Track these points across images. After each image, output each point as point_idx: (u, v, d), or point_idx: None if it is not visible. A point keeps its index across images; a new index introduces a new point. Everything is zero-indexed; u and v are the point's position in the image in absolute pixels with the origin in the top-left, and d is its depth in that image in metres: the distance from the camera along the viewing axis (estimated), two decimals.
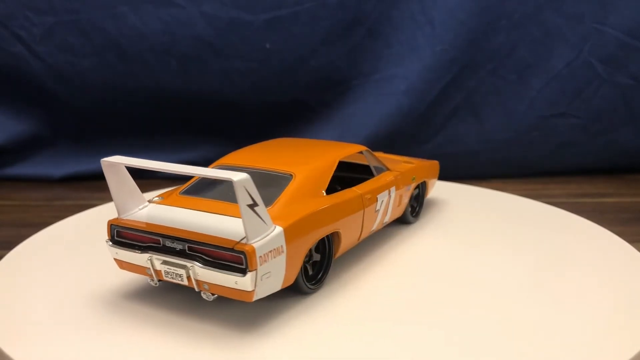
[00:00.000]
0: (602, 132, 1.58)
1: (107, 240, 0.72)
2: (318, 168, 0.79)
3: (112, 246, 0.72)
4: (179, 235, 0.67)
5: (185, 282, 0.66)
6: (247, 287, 0.63)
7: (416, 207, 1.06)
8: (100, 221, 0.78)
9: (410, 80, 1.52)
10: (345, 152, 0.88)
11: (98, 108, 1.55)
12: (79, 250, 0.90)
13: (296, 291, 0.74)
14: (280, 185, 0.74)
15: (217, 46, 1.49)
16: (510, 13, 1.48)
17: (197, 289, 0.66)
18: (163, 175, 1.53)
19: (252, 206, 0.61)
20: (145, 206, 0.73)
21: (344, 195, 0.80)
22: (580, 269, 0.85)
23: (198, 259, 0.65)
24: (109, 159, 0.67)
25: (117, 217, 0.72)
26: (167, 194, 0.78)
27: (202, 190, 0.76)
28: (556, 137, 1.58)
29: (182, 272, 0.66)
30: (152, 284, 0.71)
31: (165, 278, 0.68)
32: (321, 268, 0.78)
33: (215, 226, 0.66)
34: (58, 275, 0.82)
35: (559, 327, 0.69)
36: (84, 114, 1.56)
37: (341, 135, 1.51)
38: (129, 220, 0.71)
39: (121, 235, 0.71)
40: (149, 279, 0.70)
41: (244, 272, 0.62)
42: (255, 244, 0.62)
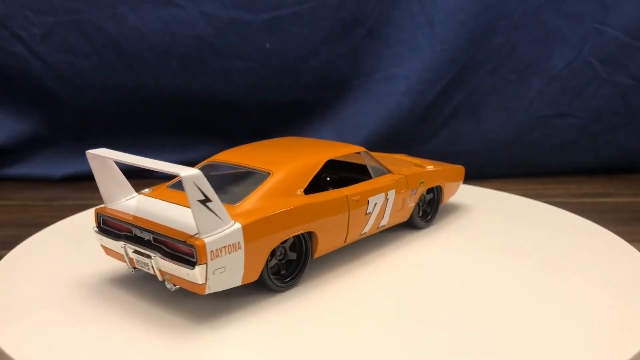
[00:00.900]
0: (602, 132, 1.58)
1: (94, 227, 0.77)
2: (298, 167, 0.79)
3: (97, 233, 0.77)
4: (146, 226, 0.70)
5: (151, 272, 0.70)
6: (197, 279, 0.65)
7: (429, 213, 1.03)
8: None
9: (410, 80, 1.52)
10: (335, 152, 0.88)
11: (98, 108, 1.55)
12: (79, 251, 0.90)
13: (265, 288, 0.75)
14: (255, 183, 0.76)
15: (217, 46, 1.49)
16: (510, 13, 1.48)
17: (161, 279, 0.69)
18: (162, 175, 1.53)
19: (204, 202, 0.63)
20: (132, 197, 0.77)
21: (324, 195, 0.79)
22: (580, 269, 0.85)
23: (160, 250, 0.68)
24: (93, 151, 0.71)
25: (103, 206, 0.76)
26: (157, 187, 0.81)
27: None
28: (556, 137, 1.58)
29: (148, 261, 0.69)
30: (130, 271, 0.74)
31: (137, 266, 0.72)
32: (296, 267, 0.78)
33: (178, 219, 0.68)
34: (58, 275, 0.82)
35: (559, 327, 0.69)
36: (84, 114, 1.56)
37: (341, 135, 1.51)
38: (111, 209, 0.75)
39: (105, 223, 0.76)
40: (126, 266, 0.74)
41: (194, 265, 0.64)
42: (206, 239, 0.64)
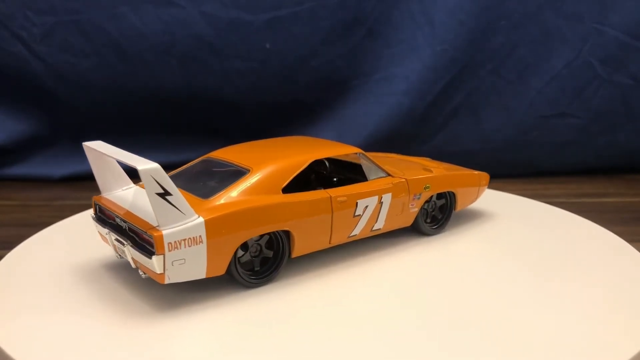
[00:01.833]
0: (602, 132, 1.58)
1: (92, 214, 0.82)
2: (279, 166, 0.79)
3: (94, 220, 0.81)
4: (122, 215, 0.73)
5: (127, 259, 0.73)
6: (155, 269, 0.68)
7: (441, 219, 0.99)
8: None
9: (410, 80, 1.52)
10: (326, 153, 0.87)
11: (98, 108, 1.55)
12: (79, 251, 0.90)
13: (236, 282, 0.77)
14: (233, 179, 0.77)
15: (217, 46, 1.49)
16: (510, 13, 1.48)
17: (134, 266, 0.73)
18: None
19: (163, 195, 0.65)
20: (128, 188, 0.80)
21: (303, 195, 0.79)
22: (580, 269, 0.85)
23: (132, 239, 0.72)
24: (88, 143, 0.76)
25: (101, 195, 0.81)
26: None
27: (180, 179, 0.81)
28: (556, 137, 1.58)
29: (124, 249, 0.72)
30: (117, 257, 0.80)
31: (119, 253, 0.76)
32: (272, 264, 0.79)
33: (150, 211, 0.69)
34: (58, 275, 0.82)
35: (559, 327, 0.69)
36: (84, 114, 1.56)
37: (341, 135, 1.51)
38: (105, 198, 0.80)
39: (100, 211, 0.80)
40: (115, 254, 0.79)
41: (152, 255, 0.67)
42: (165, 231, 0.67)
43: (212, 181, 0.80)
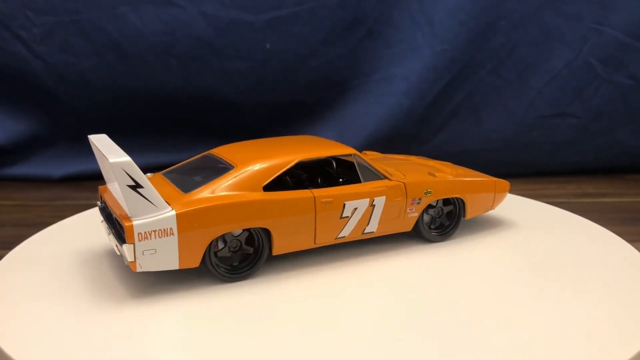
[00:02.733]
0: (602, 132, 1.58)
1: (98, 203, 0.86)
2: (264, 164, 0.80)
3: (98, 208, 0.85)
4: (111, 206, 0.77)
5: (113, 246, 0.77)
6: (126, 257, 0.71)
7: (448, 226, 0.95)
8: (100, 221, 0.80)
9: (410, 80, 1.52)
10: (315, 154, 0.86)
11: (98, 108, 1.55)
12: (79, 250, 0.90)
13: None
14: (217, 175, 0.78)
15: (217, 46, 1.49)
16: (510, 13, 1.48)
17: (118, 253, 0.75)
18: None
19: (134, 187, 0.68)
20: None
21: (283, 194, 0.79)
22: (580, 269, 0.85)
23: (115, 227, 0.76)
24: (94, 136, 0.80)
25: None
26: (156, 173, 0.87)
27: (175, 172, 0.85)
28: (556, 137, 1.58)
29: (112, 237, 0.76)
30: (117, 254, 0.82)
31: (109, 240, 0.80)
32: (251, 261, 0.80)
33: None
34: (58, 275, 0.82)
35: (558, 327, 0.69)
36: (84, 114, 1.56)
37: (341, 135, 1.51)
38: (105, 188, 0.84)
39: (102, 200, 0.84)
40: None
41: (123, 243, 0.71)
42: (135, 221, 0.69)
43: (198, 176, 0.81)
